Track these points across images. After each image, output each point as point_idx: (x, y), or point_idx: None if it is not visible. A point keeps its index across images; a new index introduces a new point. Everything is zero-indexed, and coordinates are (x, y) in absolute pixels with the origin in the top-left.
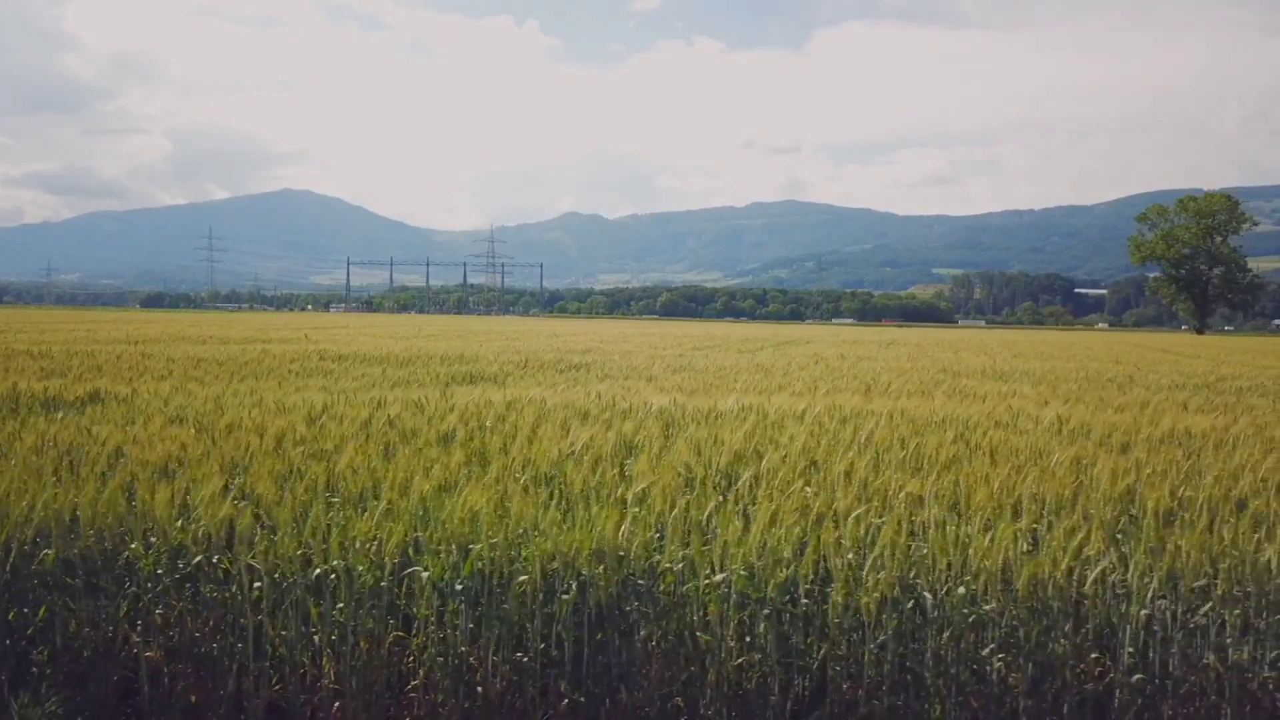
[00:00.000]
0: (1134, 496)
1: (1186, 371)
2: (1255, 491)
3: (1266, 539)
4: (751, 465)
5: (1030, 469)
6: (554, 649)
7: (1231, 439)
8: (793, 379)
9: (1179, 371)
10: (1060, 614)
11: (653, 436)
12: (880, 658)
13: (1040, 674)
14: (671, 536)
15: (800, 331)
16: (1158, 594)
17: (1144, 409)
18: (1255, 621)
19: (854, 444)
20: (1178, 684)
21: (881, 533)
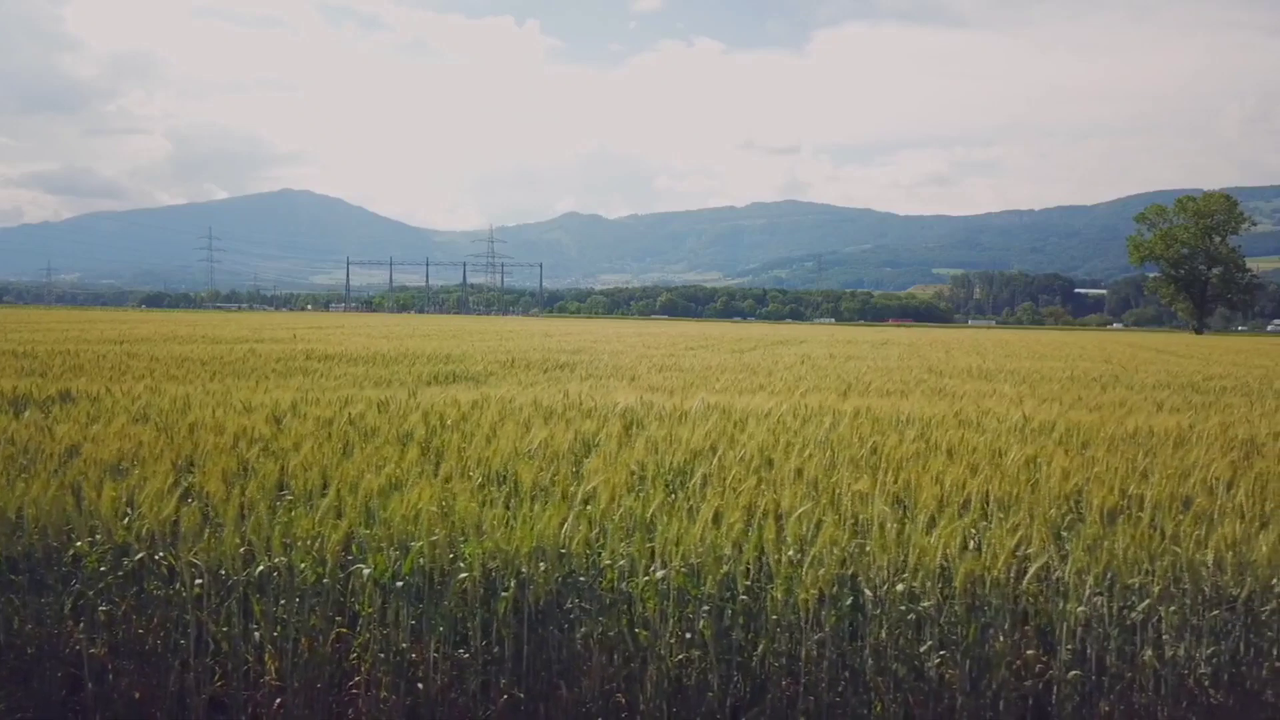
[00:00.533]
0: (1081, 494)
1: (1174, 371)
2: (1201, 490)
3: (1205, 536)
4: (705, 463)
5: (985, 467)
6: (495, 646)
7: (1194, 437)
8: (775, 379)
9: (1167, 371)
10: (999, 611)
11: (613, 435)
12: (819, 654)
13: (979, 671)
14: (613, 534)
15: (797, 331)
16: (1094, 591)
17: (1116, 408)
18: (1192, 618)
19: (812, 442)
20: (1115, 680)
21: (822, 529)
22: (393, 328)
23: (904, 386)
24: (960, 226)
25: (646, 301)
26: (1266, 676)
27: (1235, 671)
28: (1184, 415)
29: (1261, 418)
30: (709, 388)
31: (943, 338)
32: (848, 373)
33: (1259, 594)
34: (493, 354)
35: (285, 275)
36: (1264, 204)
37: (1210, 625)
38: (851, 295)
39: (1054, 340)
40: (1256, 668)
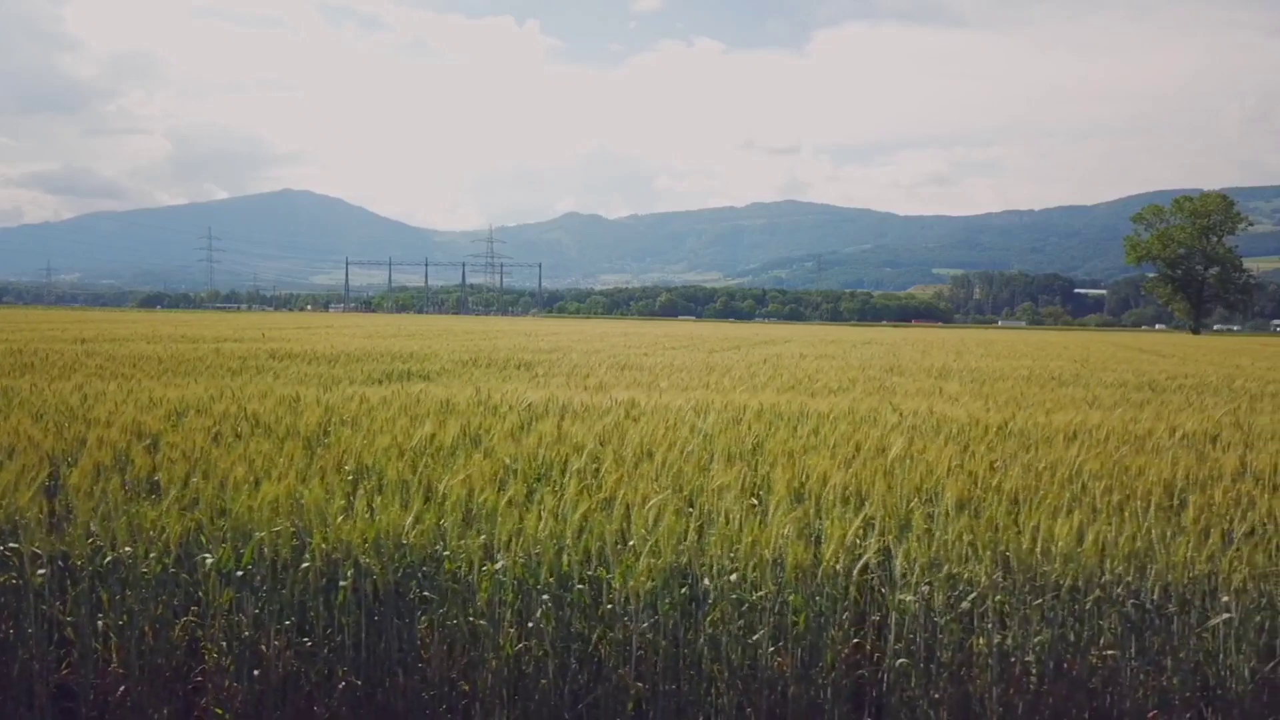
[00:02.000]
0: (939, 487)
1: (1142, 371)
2: (1057, 483)
3: (1039, 528)
4: (578, 458)
5: (859, 461)
6: (338, 635)
7: (1093, 433)
8: (725, 378)
9: (1134, 371)
10: (831, 600)
11: (503, 431)
12: (653, 643)
13: (810, 659)
14: (452, 526)
15: (787, 332)
16: (921, 580)
17: (1046, 406)
18: (1020, 608)
19: (700, 437)
20: (944, 668)
21: (662, 520)
22: (380, 328)
23: (849, 384)
24: (960, 226)
25: (646, 302)
26: (1091, 664)
27: (1061, 660)
28: (1109, 412)
29: (1182, 413)
30: (652, 386)
31: (935, 337)
32: (803, 371)
33: (1083, 584)
34: (460, 353)
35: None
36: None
37: (1037, 614)
38: (851, 295)
39: (1043, 340)
40: (1082, 656)
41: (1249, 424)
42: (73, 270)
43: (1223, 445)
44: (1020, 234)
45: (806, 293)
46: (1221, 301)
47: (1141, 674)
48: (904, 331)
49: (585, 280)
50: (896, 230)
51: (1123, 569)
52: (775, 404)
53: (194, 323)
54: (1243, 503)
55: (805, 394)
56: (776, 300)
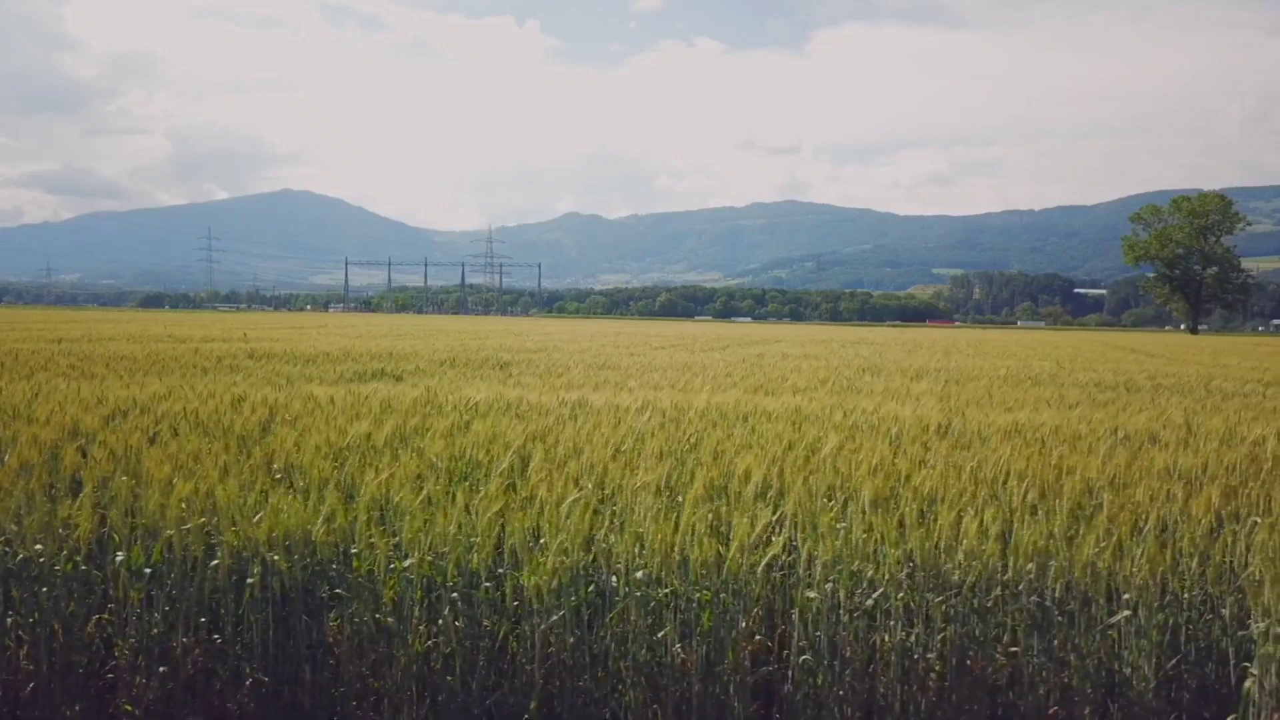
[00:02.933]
0: (858, 485)
1: (1122, 371)
2: (976, 481)
3: (949, 525)
4: (502, 456)
5: (789, 459)
6: (248, 632)
7: (1033, 432)
8: (701, 376)
9: (1115, 371)
10: (737, 597)
11: (440, 430)
12: (559, 639)
13: (715, 656)
14: (362, 524)
15: (781, 331)
16: (825, 578)
17: (1002, 405)
18: (922, 605)
19: (633, 436)
20: (848, 665)
21: (570, 516)
22: (372, 328)
23: (817, 384)
24: (960, 226)
25: (646, 302)
26: (994, 661)
27: (964, 657)
28: (1065, 411)
29: (1138, 413)
30: (620, 386)
31: (934, 337)
32: (778, 371)
33: (985, 581)
34: (441, 353)
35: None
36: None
37: (940, 611)
38: (851, 295)
39: (1038, 340)
40: (984, 653)
41: (1199, 424)
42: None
43: (1161, 445)
44: (1020, 234)
45: (806, 293)
46: (1220, 301)
47: (1044, 671)
48: (903, 331)
49: (585, 280)
50: (896, 230)
51: (1025, 567)
52: (724, 403)
53: (187, 323)
54: (1158, 502)
55: (766, 394)
56: (776, 300)
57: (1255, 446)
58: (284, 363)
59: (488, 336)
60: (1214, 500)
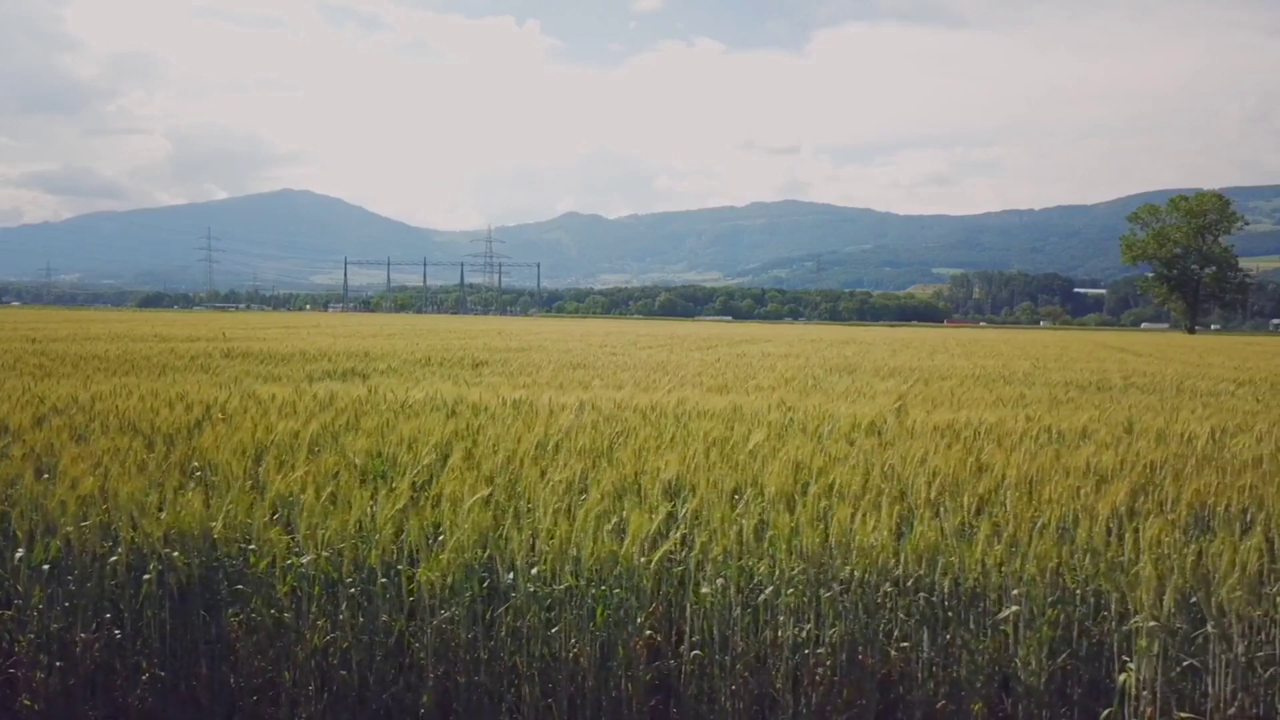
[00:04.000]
0: (760, 481)
1: (1104, 370)
2: (886, 477)
3: (842, 521)
4: (412, 453)
5: (708, 457)
6: (147, 627)
7: (969, 429)
8: (669, 375)
9: (1095, 370)
10: (632, 592)
11: (368, 428)
12: (454, 634)
13: (608, 651)
14: (259, 520)
15: (775, 331)
16: (716, 573)
17: (950, 404)
18: (813, 601)
19: (556, 433)
20: (739, 660)
21: (468, 513)
22: (363, 327)
23: (781, 383)
24: (960, 226)
25: (645, 301)
26: (884, 656)
27: (855, 652)
28: (1013, 409)
29: (1085, 411)
30: (585, 385)
31: (929, 337)
32: (747, 370)
33: (874, 577)
34: (419, 352)
35: (285, 275)
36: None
37: (830, 607)
38: (850, 295)
39: (1029, 340)
40: (873, 648)
41: (1142, 422)
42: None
43: (1093, 443)
44: (1020, 234)
45: (806, 292)
46: (1217, 301)
47: (933, 666)
48: (900, 331)
49: (585, 280)
50: (896, 230)
51: (916, 563)
52: (667, 402)
53: (180, 322)
54: (1064, 499)
55: (724, 392)
56: (776, 300)
57: (1184, 444)
58: (256, 362)
59: (477, 336)
60: (1120, 497)
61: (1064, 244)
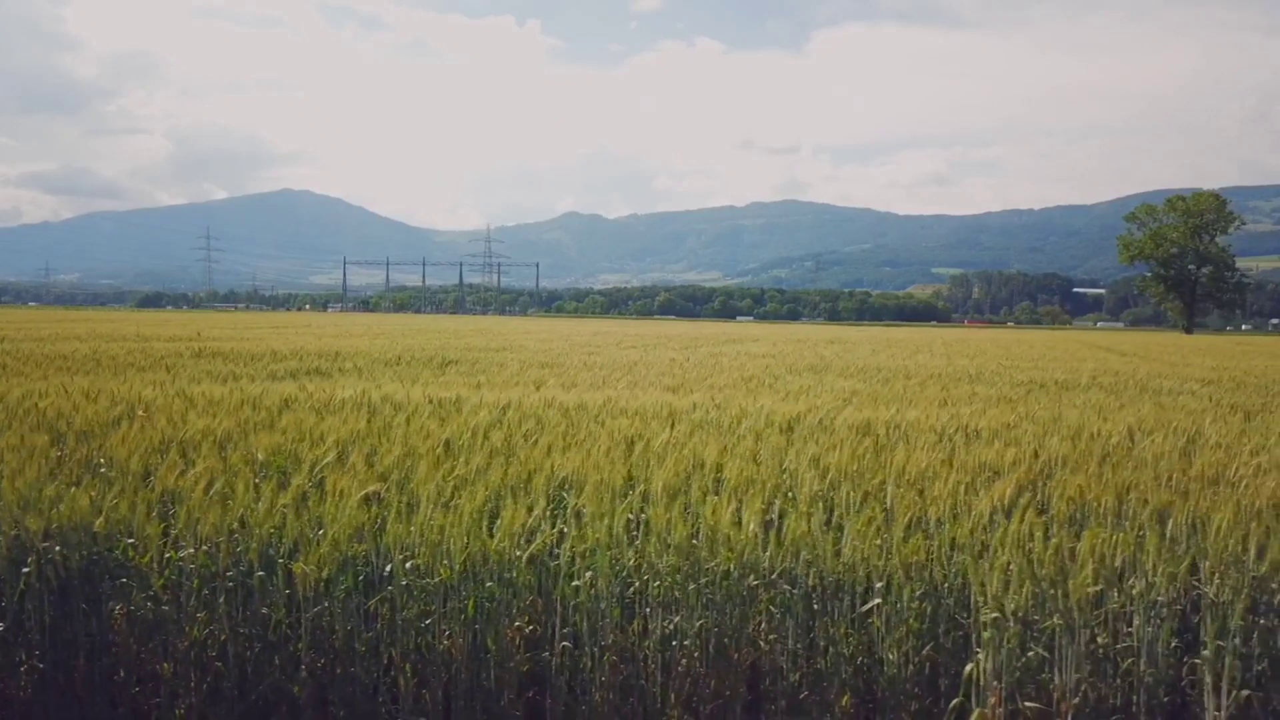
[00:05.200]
0: (648, 477)
1: (1073, 369)
2: (774, 472)
3: (711, 515)
4: (313, 450)
5: (604, 455)
6: (27, 620)
7: (880, 427)
8: (630, 375)
9: (1068, 370)
10: (506, 585)
11: (284, 425)
12: (329, 625)
13: (480, 643)
14: (140, 515)
15: (765, 331)
16: (585, 566)
17: (890, 403)
18: (678, 593)
19: (467, 432)
20: (608, 651)
21: (345, 507)
22: (352, 327)
23: (740, 383)
24: (960, 226)
25: (645, 301)
26: (750, 648)
27: (722, 644)
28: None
29: (1012, 407)
30: (535, 384)
31: (920, 337)
32: (712, 371)
33: (739, 570)
34: (391, 352)
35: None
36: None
37: (696, 599)
38: (849, 295)
39: (1016, 339)
40: (738, 640)
41: (1066, 419)
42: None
43: (1004, 440)
44: (1020, 233)
45: (805, 292)
46: (1215, 301)
47: (796, 658)
48: (894, 331)
49: (585, 280)
50: (896, 230)
51: (778, 556)
52: (597, 400)
53: (169, 323)
54: (948, 495)
55: (673, 391)
56: (775, 300)
57: (1095, 441)
58: (222, 362)
59: (463, 336)
60: (1005, 493)
61: (1064, 244)
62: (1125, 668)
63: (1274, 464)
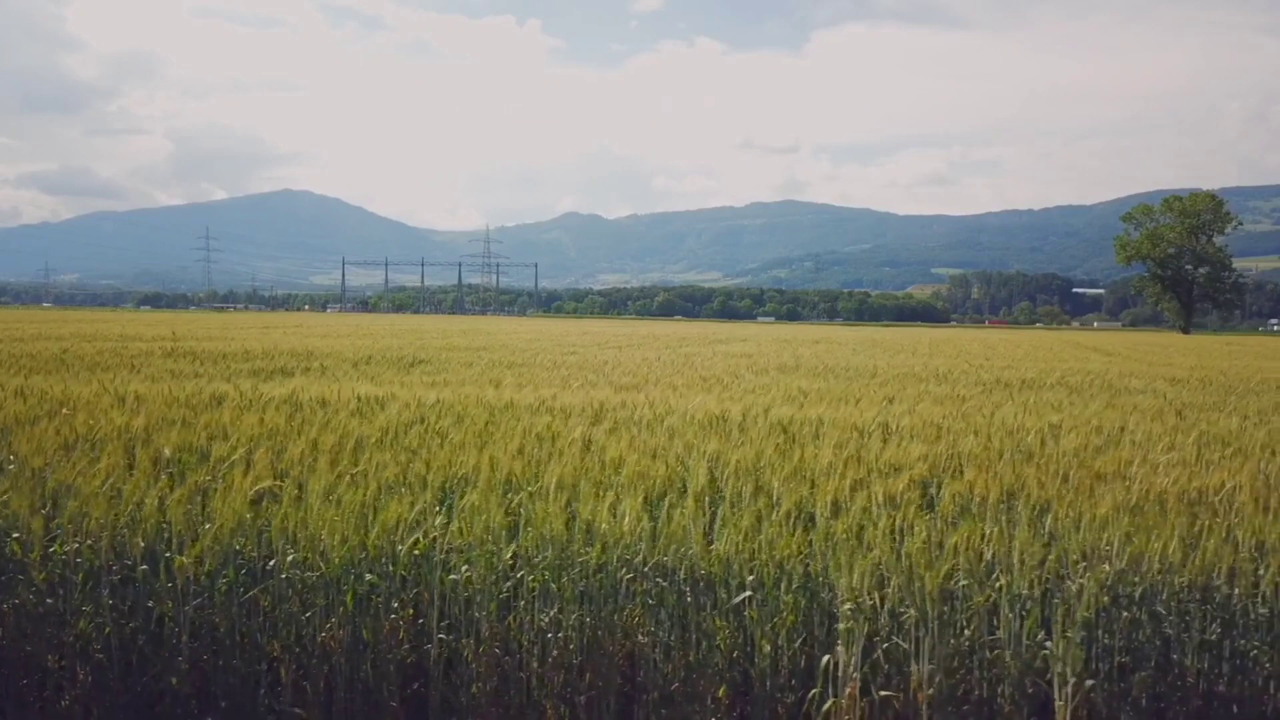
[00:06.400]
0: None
1: (1045, 369)
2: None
3: (587, 510)
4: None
5: (503, 451)
6: None
7: (799, 425)
8: (594, 375)
9: (1041, 370)
10: (383, 578)
11: (204, 423)
12: (209, 618)
13: (357, 636)
14: (22, 509)
15: (753, 331)
16: (460, 562)
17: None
18: (554, 587)
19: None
20: (482, 642)
21: (228, 503)
22: (340, 328)
23: (697, 383)
24: (959, 226)
25: (644, 301)
26: (625, 641)
27: (596, 637)
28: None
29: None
30: (493, 383)
31: (899, 337)
32: (678, 370)
33: (614, 562)
34: (362, 352)
35: (284, 275)
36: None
37: (571, 592)
38: (849, 295)
39: (1004, 339)
40: (610, 633)
41: (995, 418)
42: (71, 271)
43: (922, 438)
44: (1019, 234)
45: (804, 292)
46: (1211, 301)
47: (669, 650)
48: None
49: (585, 280)
50: (896, 230)
51: (652, 550)
52: (524, 399)
53: (160, 323)
54: (830, 491)
55: (629, 390)
56: (774, 300)
57: (1008, 438)
58: (189, 361)
59: (449, 336)
60: (899, 489)
61: (1063, 244)
62: (991, 659)
63: (1178, 461)
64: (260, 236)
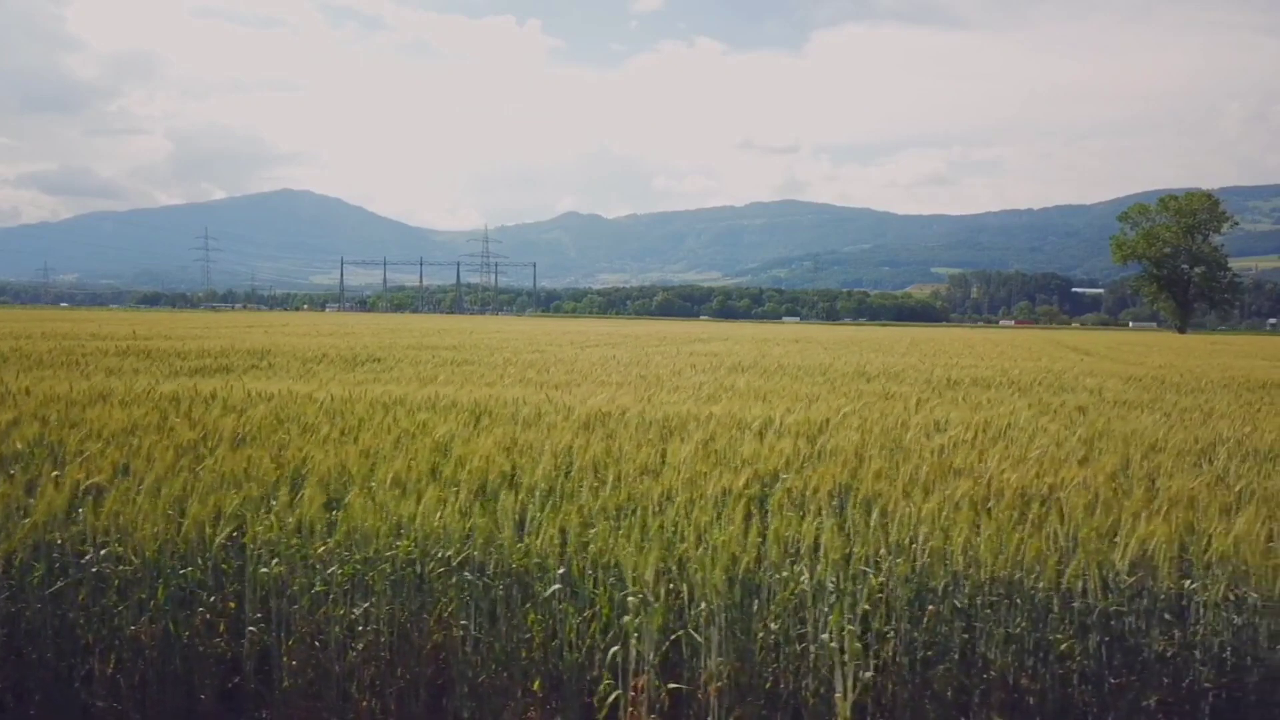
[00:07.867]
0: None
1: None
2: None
3: (420, 505)
4: (99, 443)
5: (353, 445)
6: None
7: (690, 420)
8: (535, 373)
9: (1000, 369)
10: (194, 572)
11: (90, 419)
12: (20, 611)
13: (168, 630)
14: None
15: (748, 330)
16: (270, 556)
17: (744, 397)
18: (369, 580)
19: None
20: (292, 635)
21: (48, 498)
22: (326, 326)
23: (633, 381)
24: (959, 226)
25: (643, 301)
26: (446, 632)
27: (407, 631)
28: (783, 402)
29: (850, 402)
30: (429, 381)
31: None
32: (626, 369)
33: (423, 556)
34: (318, 350)
35: (284, 275)
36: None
37: (381, 585)
38: (848, 295)
39: (987, 338)
40: (420, 626)
41: (893, 415)
42: (71, 270)
43: (797, 435)
44: (1019, 233)
45: (803, 292)
46: (1207, 301)
47: (480, 642)
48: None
49: (584, 280)
50: (895, 230)
51: (461, 542)
52: (416, 396)
53: (145, 322)
54: (682, 487)
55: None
56: (774, 300)
57: (883, 435)
58: (137, 359)
59: (427, 335)
60: (738, 483)
61: (1063, 244)
62: (798, 652)
63: (1048, 458)
64: (260, 236)
